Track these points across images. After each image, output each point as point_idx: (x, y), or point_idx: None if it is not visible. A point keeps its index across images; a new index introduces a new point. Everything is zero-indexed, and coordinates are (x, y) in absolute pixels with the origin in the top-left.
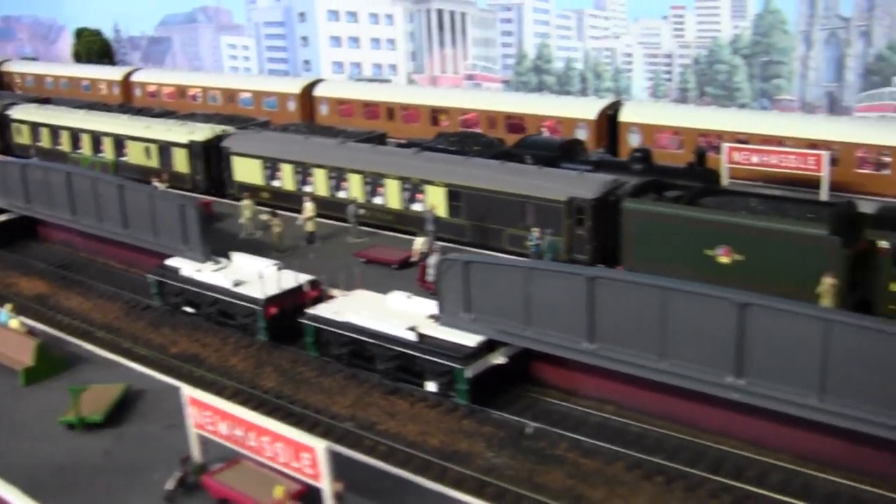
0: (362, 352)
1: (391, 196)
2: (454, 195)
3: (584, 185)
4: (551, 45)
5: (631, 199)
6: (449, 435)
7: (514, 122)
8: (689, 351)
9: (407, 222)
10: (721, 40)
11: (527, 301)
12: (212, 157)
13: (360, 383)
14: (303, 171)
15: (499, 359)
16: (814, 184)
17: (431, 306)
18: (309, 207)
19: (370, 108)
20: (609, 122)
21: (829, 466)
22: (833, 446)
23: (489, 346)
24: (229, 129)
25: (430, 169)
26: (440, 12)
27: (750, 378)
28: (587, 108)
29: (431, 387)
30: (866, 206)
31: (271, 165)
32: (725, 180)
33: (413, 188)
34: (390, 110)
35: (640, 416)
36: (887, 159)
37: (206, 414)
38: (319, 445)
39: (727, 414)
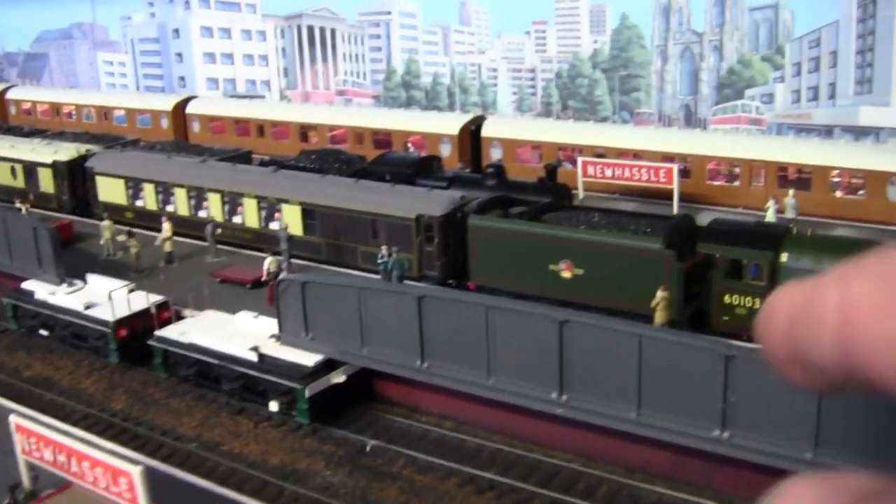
0: (208, 372)
1: (249, 215)
2: (309, 213)
3: (432, 202)
4: (419, 61)
5: (476, 216)
6: (290, 454)
7: (381, 138)
8: (515, 367)
9: (265, 241)
10: (581, 54)
11: (362, 320)
12: (77, 176)
13: (207, 404)
14: (164, 190)
15: (339, 377)
16: (668, 196)
17: (276, 326)
18: (166, 227)
19: (241, 125)
20: (472, 137)
21: (655, 477)
22: (659, 457)
23: (329, 365)
24: (94, 148)
25: (285, 187)
26: (310, 28)
27: (572, 393)
28: (450, 124)
29: (274, 406)
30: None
31: (134, 185)
32: (581, 194)
33: (270, 207)
34: (260, 127)
35: (478, 432)
36: (738, 171)
37: (32, 440)
38: (135, 469)
39: (559, 428)
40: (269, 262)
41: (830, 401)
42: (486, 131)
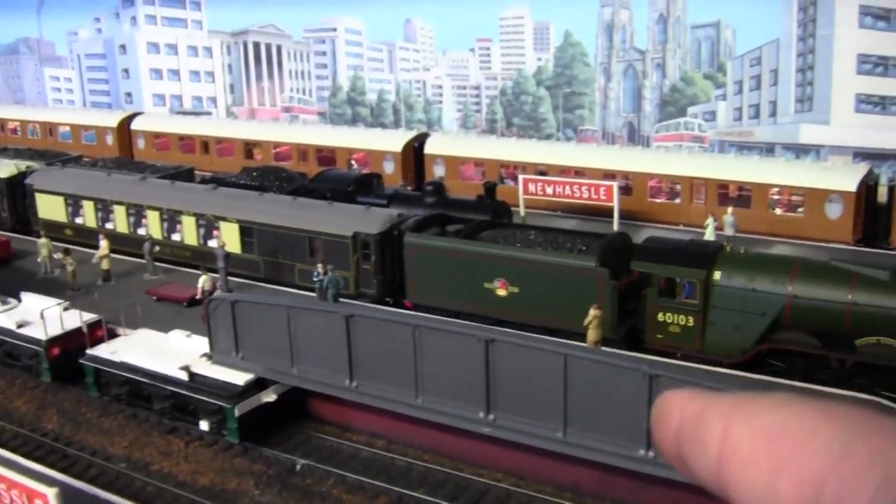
0: (140, 391)
1: (188, 232)
2: (247, 231)
3: (369, 220)
4: (364, 78)
5: (412, 234)
6: (219, 474)
7: (325, 155)
8: (443, 387)
9: (203, 259)
10: (526, 72)
11: (291, 339)
12: (17, 193)
13: (139, 423)
14: (103, 207)
15: (269, 397)
16: (609, 213)
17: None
18: (104, 245)
19: (186, 142)
20: (415, 155)
21: (584, 496)
22: (587, 476)
23: (260, 384)
24: (35, 164)
25: (224, 205)
26: (256, 45)
27: (499, 412)
28: (393, 141)
29: (204, 426)
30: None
31: (73, 202)
32: (522, 212)
33: (208, 224)
34: (205, 144)
35: (408, 451)
36: (679, 188)
37: None
38: (50, 491)
39: (489, 446)
40: (203, 281)
41: None
42: (429, 148)
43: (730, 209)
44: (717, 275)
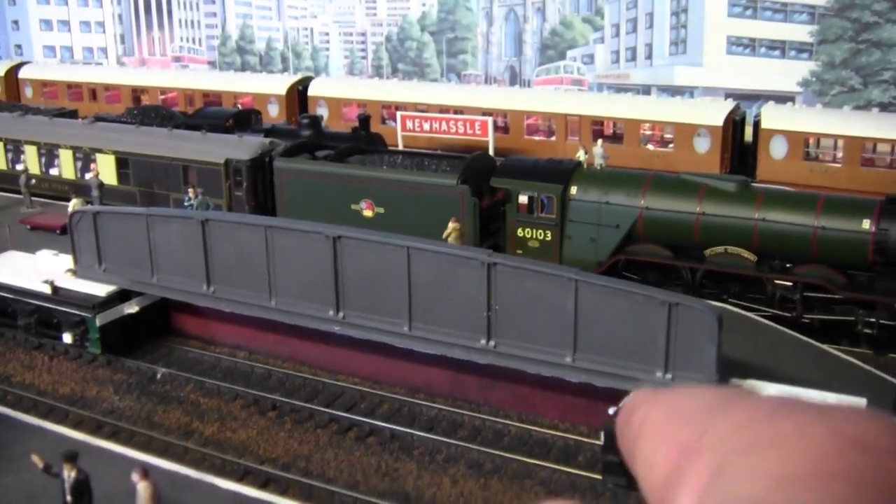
0: (4, 310)
1: (65, 166)
2: (123, 162)
3: (241, 147)
4: (253, 26)
5: (282, 158)
6: (80, 383)
7: (212, 100)
8: (295, 287)
9: (82, 192)
10: (410, 18)
11: (151, 249)
12: None
13: (5, 341)
14: None
15: (132, 308)
16: (485, 149)
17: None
18: None
19: (74, 90)
20: (300, 97)
21: (437, 397)
22: (439, 377)
23: (123, 296)
24: None
25: (100, 138)
26: None
27: (348, 310)
28: (278, 84)
29: (67, 338)
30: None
31: None
32: (400, 146)
33: (85, 158)
34: (93, 91)
35: (269, 360)
36: (555, 126)
37: None
38: None
39: (346, 352)
40: (73, 204)
41: (585, 311)
42: (313, 90)
43: (599, 141)
44: (573, 189)
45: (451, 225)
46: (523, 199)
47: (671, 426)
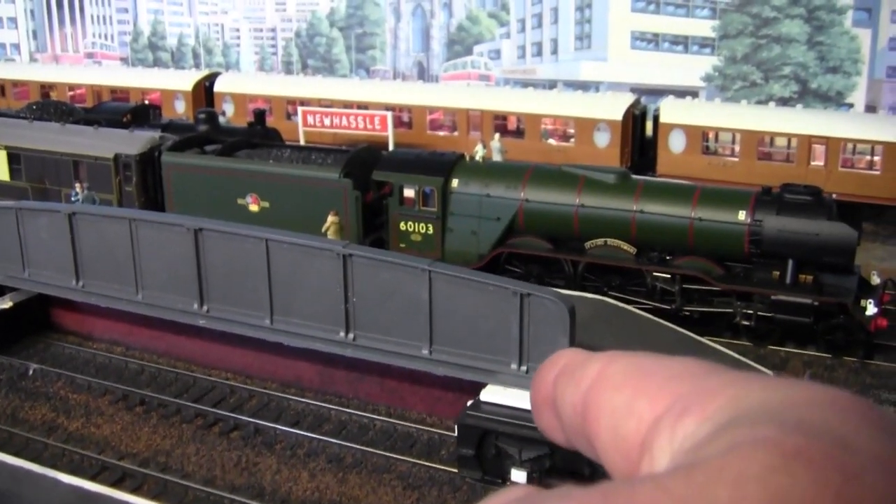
0: None
1: None
2: (14, 158)
3: (130, 142)
4: (165, 22)
5: (169, 153)
6: None
7: (120, 97)
8: (160, 280)
9: None
10: (319, 13)
11: (22, 242)
12: None
13: None
14: None
15: (5, 304)
16: (387, 145)
17: None
18: None
19: None
20: (207, 93)
21: (307, 391)
22: (309, 371)
23: None
24: None
25: None
26: None
27: (212, 303)
28: (184, 81)
29: None
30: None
31: None
32: (302, 143)
33: None
34: (2, 87)
35: (144, 356)
36: (457, 121)
37: None
38: None
39: (219, 348)
40: None
41: (440, 303)
42: (219, 87)
43: (497, 135)
44: (454, 182)
45: (329, 218)
46: (406, 192)
47: (652, 380)
